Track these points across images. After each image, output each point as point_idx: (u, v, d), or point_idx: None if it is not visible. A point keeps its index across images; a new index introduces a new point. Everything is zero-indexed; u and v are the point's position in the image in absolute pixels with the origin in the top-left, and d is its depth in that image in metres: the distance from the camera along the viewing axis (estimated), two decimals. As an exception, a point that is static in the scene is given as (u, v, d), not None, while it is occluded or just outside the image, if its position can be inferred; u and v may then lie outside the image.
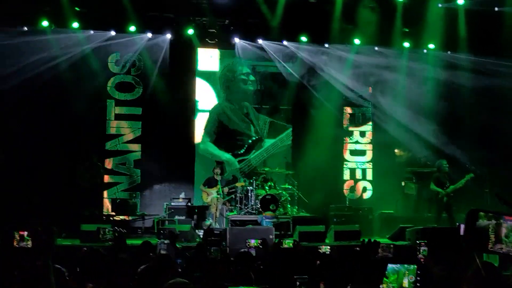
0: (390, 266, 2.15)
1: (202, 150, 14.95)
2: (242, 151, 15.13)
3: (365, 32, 14.27)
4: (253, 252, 6.25)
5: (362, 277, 2.91)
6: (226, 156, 14.96)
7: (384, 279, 2.15)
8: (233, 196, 13.65)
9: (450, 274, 3.36)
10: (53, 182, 13.03)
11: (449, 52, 15.03)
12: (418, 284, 2.18)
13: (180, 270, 5.49)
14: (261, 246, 6.21)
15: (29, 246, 3.23)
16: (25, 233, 3.35)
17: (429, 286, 2.42)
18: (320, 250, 6.15)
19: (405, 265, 2.21)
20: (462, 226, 6.11)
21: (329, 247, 6.21)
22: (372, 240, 3.16)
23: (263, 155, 15.20)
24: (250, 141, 15.18)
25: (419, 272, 2.18)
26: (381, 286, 2.12)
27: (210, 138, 15.04)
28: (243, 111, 15.30)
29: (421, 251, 4.98)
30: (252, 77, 15.42)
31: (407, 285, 2.20)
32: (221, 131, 15.15)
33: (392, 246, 4.12)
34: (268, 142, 15.30)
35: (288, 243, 6.70)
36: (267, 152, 15.24)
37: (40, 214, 11.27)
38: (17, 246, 3.46)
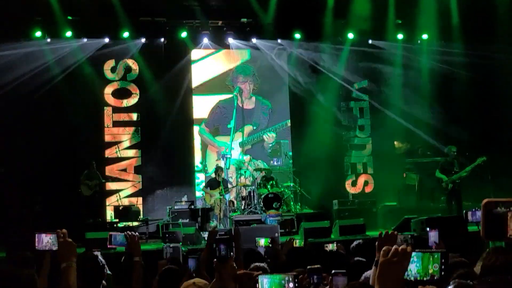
0: (414, 253, 2.13)
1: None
2: (228, 146, 15.21)
3: (359, 25, 14.27)
4: (261, 250, 6.21)
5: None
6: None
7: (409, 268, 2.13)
8: (235, 196, 13.68)
9: (463, 260, 3.37)
10: (54, 192, 13.01)
11: (443, 42, 15.07)
12: (443, 273, 2.16)
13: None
14: (271, 245, 6.17)
15: (54, 248, 3.23)
16: (52, 235, 3.35)
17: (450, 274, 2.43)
18: (327, 248, 6.09)
19: (429, 253, 2.19)
20: (470, 214, 6.11)
21: (335, 244, 6.14)
22: (390, 232, 3.15)
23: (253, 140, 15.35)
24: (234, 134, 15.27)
25: (443, 260, 2.17)
26: (407, 273, 2.10)
27: (208, 130, 15.21)
28: (243, 104, 15.34)
29: (431, 237, 4.94)
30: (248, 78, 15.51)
31: (434, 272, 2.18)
32: (214, 124, 15.32)
33: (410, 236, 4.09)
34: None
35: (299, 242, 6.64)
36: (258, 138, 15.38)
37: (43, 223, 11.25)
38: (41, 248, 3.48)
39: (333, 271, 3.27)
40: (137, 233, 4.15)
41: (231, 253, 3.30)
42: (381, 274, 2.02)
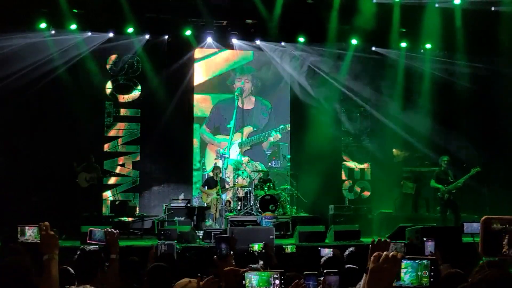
0: (407, 262, 2.15)
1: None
2: (225, 147, 15.20)
3: (363, 32, 14.30)
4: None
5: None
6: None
7: (402, 275, 2.16)
8: (232, 196, 13.72)
9: (457, 271, 3.40)
10: (52, 184, 13.04)
11: (446, 52, 15.12)
12: (432, 280, 2.19)
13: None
14: (263, 251, 6.17)
15: (37, 241, 3.24)
16: (34, 228, 3.35)
17: (439, 281, 2.46)
18: (323, 253, 6.09)
19: (418, 261, 2.22)
20: (466, 225, 6.14)
21: (331, 249, 6.14)
22: (382, 239, 3.18)
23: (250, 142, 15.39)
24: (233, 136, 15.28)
25: (432, 267, 2.20)
26: (398, 283, 2.12)
27: (209, 130, 15.23)
28: (243, 104, 15.36)
29: (428, 247, 4.95)
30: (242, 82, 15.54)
31: (424, 280, 2.21)
32: (215, 124, 15.32)
33: (403, 244, 4.09)
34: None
35: (291, 248, 6.64)
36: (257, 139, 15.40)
37: (39, 215, 11.24)
38: (24, 240, 3.47)
39: (325, 271, 3.31)
40: (117, 230, 4.13)
41: (231, 252, 3.41)
42: (371, 280, 2.02)
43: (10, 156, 12.79)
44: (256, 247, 6.35)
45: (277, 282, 2.82)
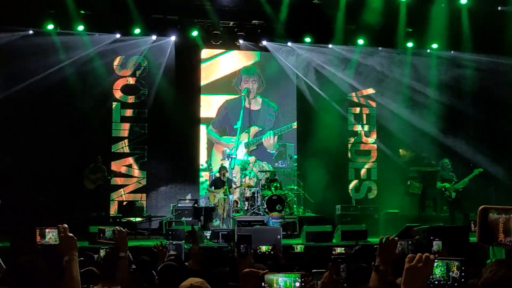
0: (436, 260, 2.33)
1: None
2: (232, 147, 15.24)
3: (369, 32, 14.32)
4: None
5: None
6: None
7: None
8: (239, 196, 13.76)
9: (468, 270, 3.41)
10: (59, 185, 13.12)
11: (452, 52, 15.11)
12: (462, 280, 2.31)
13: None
14: (272, 252, 6.20)
15: (56, 242, 3.25)
16: (54, 231, 3.37)
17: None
18: (334, 252, 6.13)
19: (451, 260, 2.35)
20: (473, 224, 6.16)
21: (343, 248, 6.18)
22: (390, 238, 3.20)
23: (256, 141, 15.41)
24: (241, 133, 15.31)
25: (463, 267, 2.30)
26: (432, 276, 2.31)
27: (216, 131, 15.27)
28: (250, 105, 15.39)
29: (434, 246, 4.96)
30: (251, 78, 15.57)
31: (455, 277, 2.34)
32: (222, 124, 15.35)
33: (410, 242, 4.13)
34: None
35: (300, 248, 6.67)
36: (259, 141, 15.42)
37: (47, 215, 11.31)
38: (44, 243, 3.49)
39: (332, 257, 3.36)
40: (125, 229, 4.17)
41: (251, 250, 3.47)
42: (407, 279, 2.23)
43: (18, 157, 12.85)
44: (264, 248, 6.39)
45: (298, 284, 2.87)
